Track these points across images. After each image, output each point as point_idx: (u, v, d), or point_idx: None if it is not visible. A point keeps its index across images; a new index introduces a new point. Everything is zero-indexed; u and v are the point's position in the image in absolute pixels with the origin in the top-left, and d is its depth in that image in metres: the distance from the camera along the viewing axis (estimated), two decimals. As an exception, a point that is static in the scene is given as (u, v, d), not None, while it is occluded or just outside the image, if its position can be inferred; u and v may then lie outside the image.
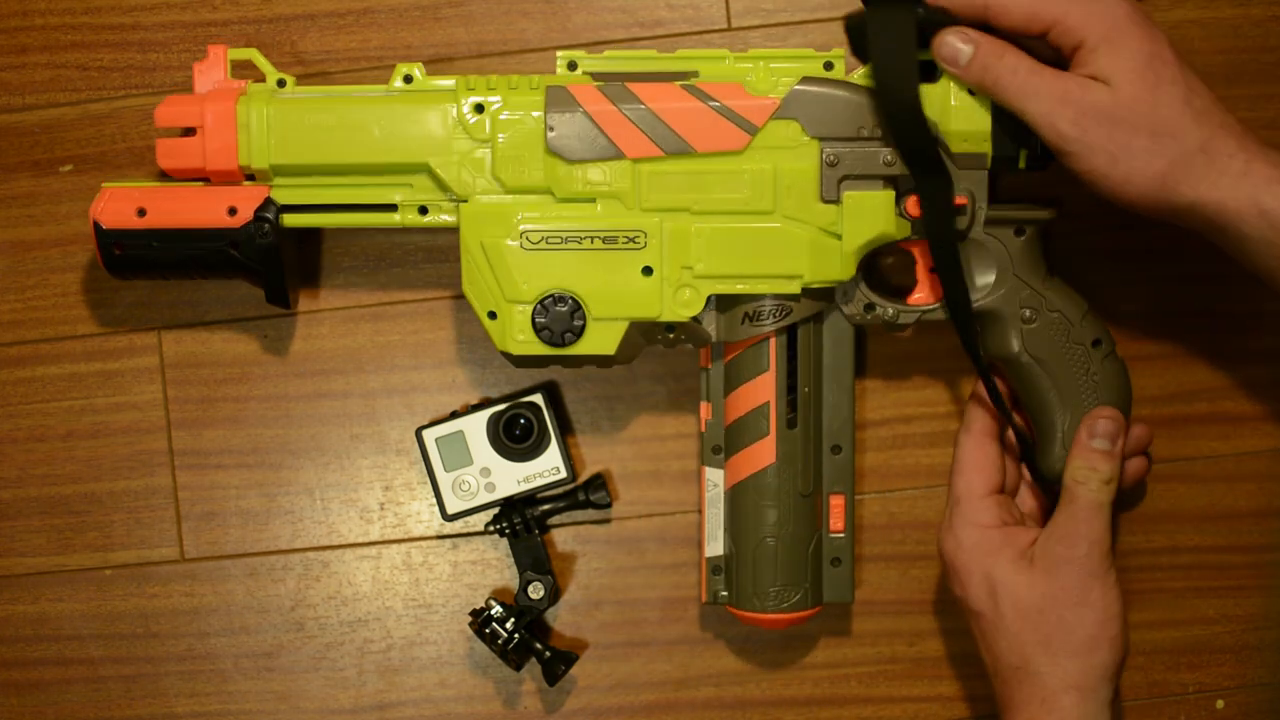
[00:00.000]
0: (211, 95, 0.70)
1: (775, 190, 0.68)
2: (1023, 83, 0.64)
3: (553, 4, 0.77)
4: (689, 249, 0.68)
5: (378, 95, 0.69)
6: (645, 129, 0.67)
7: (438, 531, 0.78)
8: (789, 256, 0.68)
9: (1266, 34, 0.76)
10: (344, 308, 0.78)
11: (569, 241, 0.68)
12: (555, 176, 0.68)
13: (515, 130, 0.68)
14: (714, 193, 0.68)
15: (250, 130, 0.69)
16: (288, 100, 0.69)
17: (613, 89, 0.68)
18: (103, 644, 0.79)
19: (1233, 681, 0.77)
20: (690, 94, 0.67)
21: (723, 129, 0.67)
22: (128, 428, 0.78)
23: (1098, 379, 0.69)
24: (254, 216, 0.70)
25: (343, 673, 0.78)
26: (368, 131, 0.69)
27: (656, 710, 0.78)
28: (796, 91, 0.67)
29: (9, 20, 0.78)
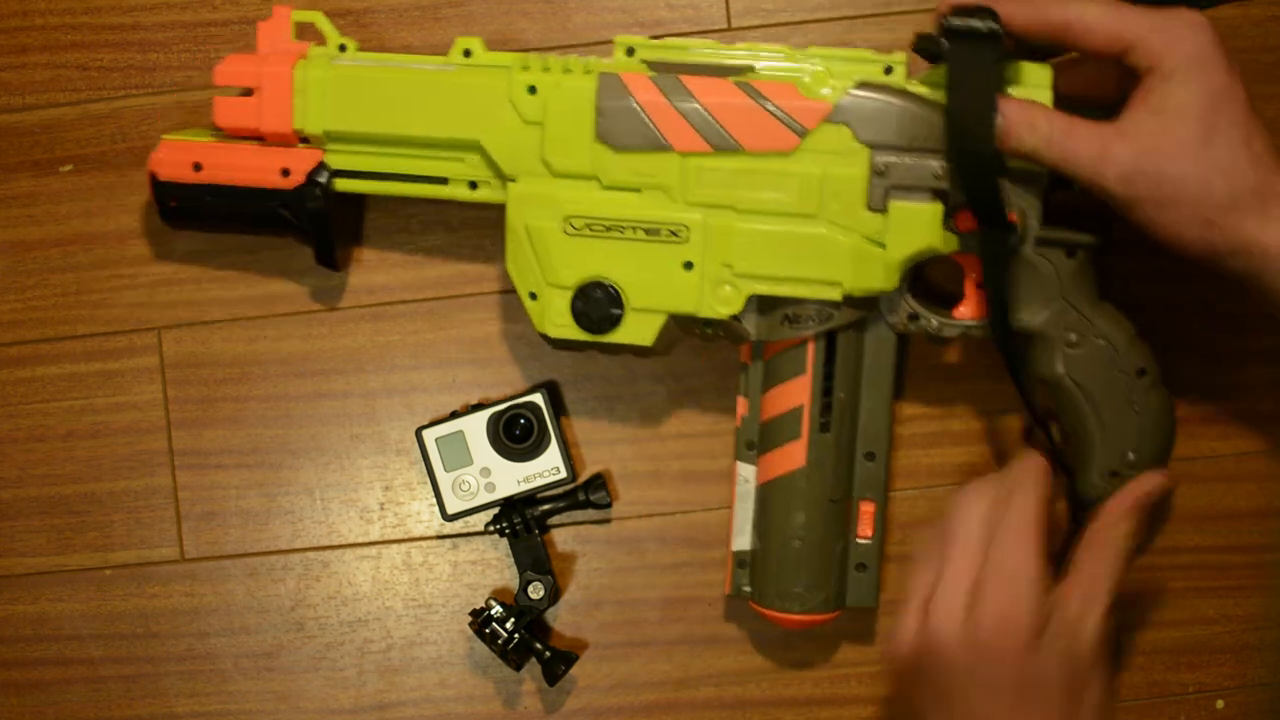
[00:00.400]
0: (271, 57, 0.70)
1: (822, 195, 0.66)
2: (1061, 151, 0.62)
3: (553, 4, 0.77)
4: (730, 247, 0.67)
5: (435, 69, 0.69)
6: (695, 124, 0.67)
7: (438, 531, 0.78)
8: (831, 263, 0.67)
9: (1266, 34, 0.76)
10: (344, 308, 0.78)
11: (611, 230, 0.68)
12: (602, 164, 0.67)
13: (566, 114, 0.67)
14: (759, 192, 0.67)
15: (306, 95, 0.69)
16: (345, 68, 0.69)
17: (665, 80, 0.67)
18: (103, 644, 0.79)
19: (1233, 681, 0.77)
20: (743, 91, 0.66)
21: (773, 129, 0.66)
22: (128, 428, 0.78)
23: (1139, 409, 0.67)
24: (306, 180, 0.71)
25: (343, 673, 0.78)
26: (422, 105, 0.68)
27: (656, 710, 0.78)
28: (851, 97, 0.66)
29: (9, 20, 0.78)
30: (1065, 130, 0.63)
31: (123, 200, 0.78)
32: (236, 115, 0.71)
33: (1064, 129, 0.63)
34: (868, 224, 0.66)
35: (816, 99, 0.66)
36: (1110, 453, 0.68)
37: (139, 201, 0.78)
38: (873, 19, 0.76)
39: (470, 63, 0.69)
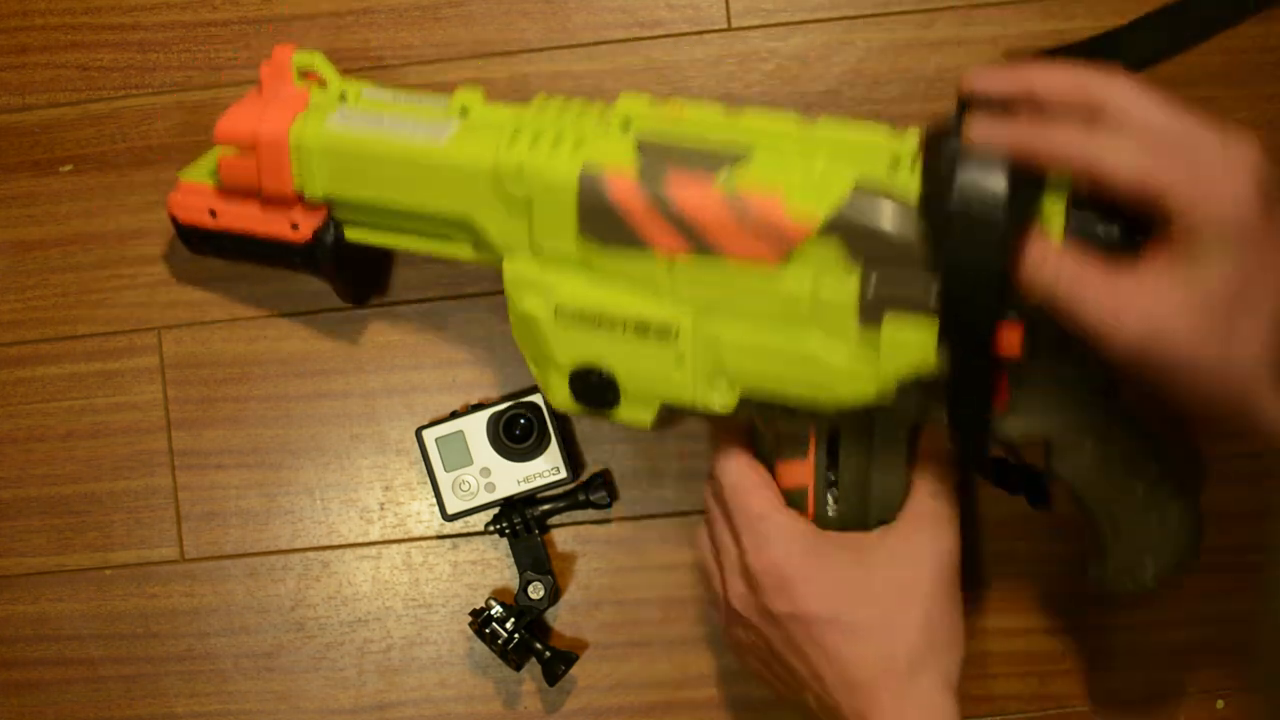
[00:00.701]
0: (267, 116, 0.67)
1: (811, 306, 0.60)
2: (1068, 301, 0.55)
3: (553, 4, 0.77)
4: (720, 351, 0.63)
5: (425, 141, 0.65)
6: (677, 227, 0.61)
7: (438, 531, 0.78)
8: (823, 374, 0.61)
9: (1266, 34, 0.76)
10: (344, 308, 0.78)
11: (602, 324, 0.64)
12: (589, 256, 0.63)
13: (549, 203, 0.63)
14: (746, 299, 0.61)
15: (302, 158, 0.67)
16: (337, 134, 0.66)
17: (649, 180, 0.61)
18: (103, 644, 0.79)
19: (1233, 681, 0.77)
20: (727, 199, 0.60)
21: (757, 241, 0.60)
22: (128, 428, 0.78)
23: (1159, 519, 0.64)
24: (313, 237, 0.70)
25: (343, 673, 0.78)
26: (413, 179, 0.65)
27: (656, 710, 0.78)
28: (844, 208, 0.58)
29: (9, 20, 0.78)
30: (1076, 277, 0.55)
31: (123, 200, 0.78)
32: (241, 176, 0.69)
33: (1074, 275, 0.55)
34: (861, 337, 0.60)
35: (803, 216, 0.59)
36: (1126, 554, 0.65)
37: (139, 201, 0.78)
38: (872, 19, 0.76)
39: (466, 125, 0.65)
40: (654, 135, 0.62)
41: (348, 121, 0.67)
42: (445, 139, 0.65)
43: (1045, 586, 0.77)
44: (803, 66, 0.77)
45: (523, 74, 0.77)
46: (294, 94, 0.69)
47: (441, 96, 0.68)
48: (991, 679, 0.77)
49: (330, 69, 0.69)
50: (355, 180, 0.67)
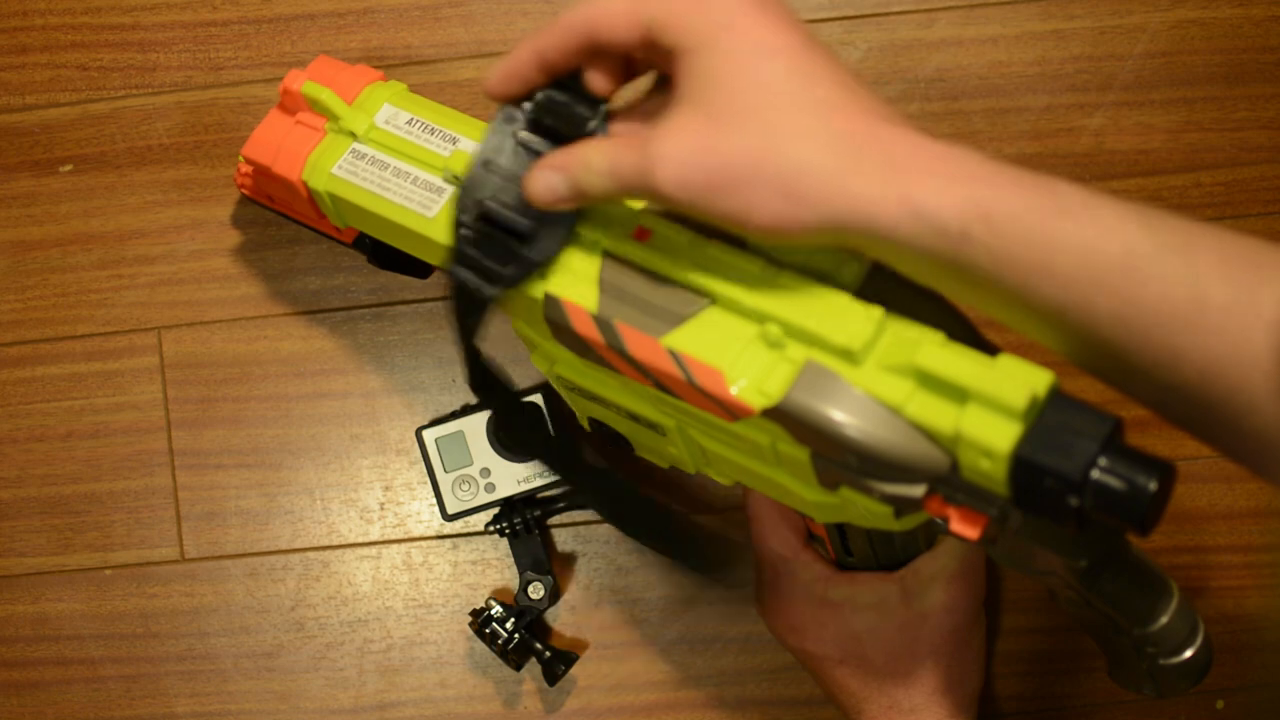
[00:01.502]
0: (285, 149, 0.68)
1: (772, 454, 0.57)
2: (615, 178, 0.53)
3: (553, 4, 0.77)
4: (707, 456, 0.62)
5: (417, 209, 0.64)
6: (634, 368, 0.58)
7: (438, 531, 0.78)
8: (800, 502, 0.59)
9: (1266, 34, 0.76)
10: (344, 308, 0.78)
11: (598, 400, 0.63)
12: (566, 357, 0.61)
13: (527, 308, 0.60)
14: (714, 433, 0.59)
15: (317, 197, 0.68)
16: (341, 184, 0.66)
17: (604, 323, 0.57)
18: (103, 644, 0.79)
19: (1233, 681, 0.77)
20: (674, 362, 0.55)
21: (707, 402, 0.56)
22: (128, 428, 0.78)
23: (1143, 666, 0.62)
24: (353, 243, 0.71)
25: (343, 673, 0.78)
26: (410, 240, 0.65)
27: (656, 710, 0.78)
28: (784, 405, 0.53)
29: (9, 20, 0.78)
30: (607, 155, 0.53)
31: (123, 200, 0.78)
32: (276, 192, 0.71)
33: (605, 154, 0.53)
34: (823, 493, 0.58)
35: (745, 400, 0.54)
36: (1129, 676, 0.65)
37: (139, 201, 0.78)
38: (872, 19, 0.76)
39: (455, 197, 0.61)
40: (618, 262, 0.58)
41: (354, 172, 0.66)
42: (435, 213, 0.64)
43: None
44: (803, 66, 0.77)
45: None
46: (311, 120, 0.68)
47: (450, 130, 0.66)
48: (991, 679, 0.77)
49: (339, 104, 0.67)
50: (365, 226, 0.67)
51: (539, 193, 0.55)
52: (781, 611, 0.67)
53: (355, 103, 0.68)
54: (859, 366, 0.53)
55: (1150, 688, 0.64)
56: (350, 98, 0.68)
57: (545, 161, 0.56)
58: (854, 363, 0.53)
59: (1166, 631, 0.61)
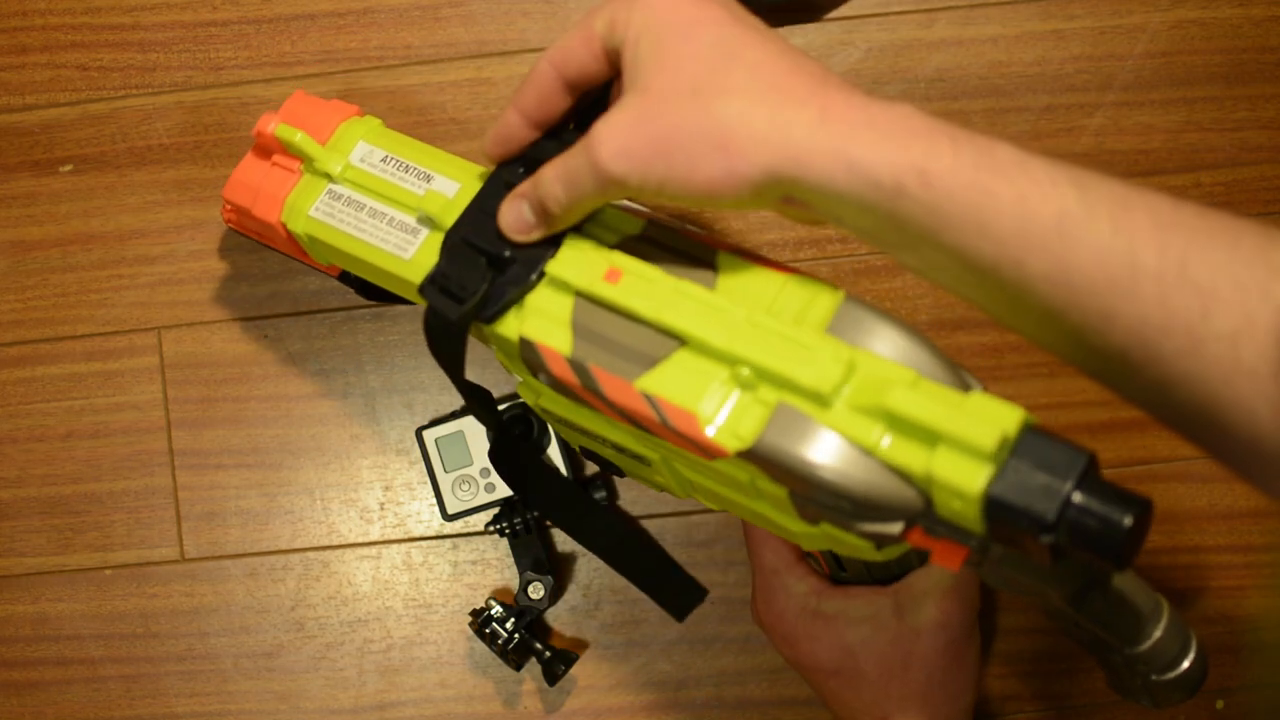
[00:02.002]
0: (263, 192, 0.67)
1: (754, 490, 0.57)
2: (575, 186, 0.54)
3: (553, 4, 0.77)
4: (693, 487, 0.62)
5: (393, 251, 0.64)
6: (612, 409, 0.58)
7: (438, 531, 0.78)
8: (784, 532, 0.59)
9: (1266, 34, 0.76)
10: (344, 308, 0.78)
11: (586, 435, 0.63)
12: (547, 394, 0.61)
13: (505, 349, 0.61)
14: (696, 467, 0.59)
15: (298, 238, 0.67)
16: (319, 225, 0.66)
17: (578, 366, 0.57)
18: (103, 644, 0.79)
19: (1233, 681, 0.77)
20: (648, 404, 0.55)
21: (684, 443, 0.56)
22: (128, 428, 0.78)
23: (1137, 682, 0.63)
24: (339, 276, 0.71)
25: (343, 673, 0.78)
26: (388, 280, 0.65)
27: (656, 710, 0.78)
28: (757, 447, 0.53)
29: (9, 20, 0.78)
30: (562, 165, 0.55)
31: (123, 200, 0.78)
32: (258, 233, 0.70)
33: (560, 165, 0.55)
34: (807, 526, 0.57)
35: (718, 443, 0.54)
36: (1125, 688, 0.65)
37: (139, 201, 0.78)
38: (872, 19, 0.76)
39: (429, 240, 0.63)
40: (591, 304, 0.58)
41: (331, 210, 0.66)
42: (411, 255, 0.63)
43: (1045, 586, 0.77)
44: (803, 66, 0.76)
45: (522, 74, 0.77)
46: (286, 163, 0.68)
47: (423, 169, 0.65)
48: (991, 679, 0.77)
49: (313, 146, 0.66)
50: (348, 264, 0.67)
51: (509, 223, 0.57)
52: (776, 622, 0.68)
53: (330, 142, 0.67)
54: (830, 408, 0.52)
55: (1147, 700, 0.64)
56: (325, 137, 0.67)
57: (511, 193, 0.58)
58: (825, 405, 0.52)
59: (1158, 649, 0.61)
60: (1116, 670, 0.65)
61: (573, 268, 0.58)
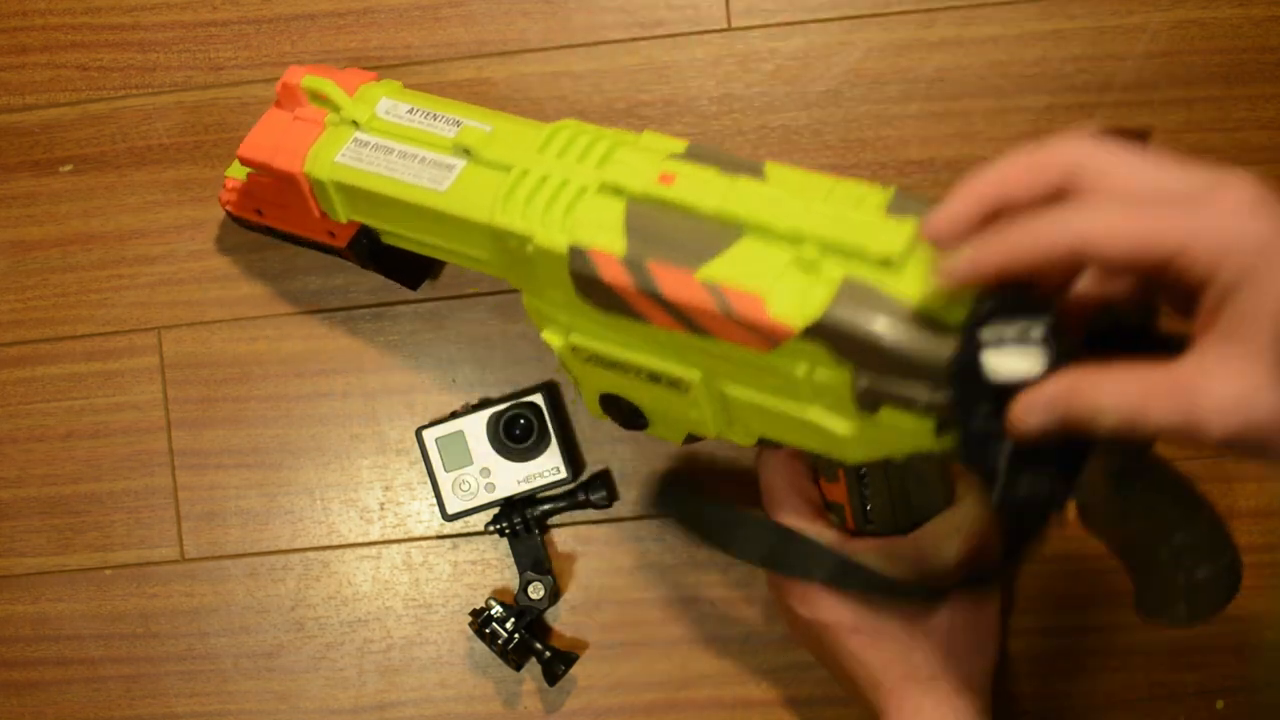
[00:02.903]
0: (282, 147, 0.67)
1: (808, 386, 0.58)
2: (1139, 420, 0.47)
3: (553, 4, 0.77)
4: (732, 407, 0.62)
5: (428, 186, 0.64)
6: (666, 310, 0.58)
7: (438, 531, 0.78)
8: (831, 440, 0.59)
9: (1266, 34, 0.76)
10: (344, 308, 0.78)
11: (616, 367, 0.63)
12: (590, 315, 0.62)
13: (545, 269, 0.61)
14: (746, 372, 0.59)
15: (319, 191, 0.67)
16: (346, 171, 0.66)
17: (634, 265, 0.58)
18: (103, 644, 0.79)
19: (1233, 681, 0.77)
20: (709, 293, 0.56)
21: (743, 333, 0.57)
22: (128, 428, 0.78)
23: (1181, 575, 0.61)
24: (348, 245, 0.70)
25: (343, 673, 0.78)
26: (422, 220, 0.65)
27: (656, 710, 0.78)
28: (828, 314, 0.54)
29: (9, 20, 0.78)
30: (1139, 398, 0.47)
31: (123, 200, 0.78)
32: (269, 195, 0.70)
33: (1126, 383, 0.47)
34: (860, 416, 0.57)
35: (785, 320, 0.55)
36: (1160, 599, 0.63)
37: (139, 201, 0.78)
38: (872, 19, 0.76)
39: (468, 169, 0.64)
40: (644, 206, 0.59)
41: (359, 155, 0.66)
42: (447, 186, 0.64)
43: (1046, 586, 0.77)
44: (803, 66, 0.77)
45: (522, 74, 0.77)
46: (310, 115, 0.68)
47: (453, 116, 0.66)
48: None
49: (340, 94, 0.68)
50: (370, 213, 0.67)
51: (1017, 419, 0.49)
52: (793, 583, 0.66)
53: (355, 97, 0.68)
54: (897, 275, 0.53)
55: (1181, 610, 0.62)
56: (349, 92, 0.68)
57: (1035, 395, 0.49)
58: (892, 272, 0.53)
59: (1204, 536, 0.60)
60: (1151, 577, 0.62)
61: (625, 172, 0.59)
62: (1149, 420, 0.46)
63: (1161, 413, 0.46)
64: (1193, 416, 0.46)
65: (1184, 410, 0.46)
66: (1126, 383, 0.47)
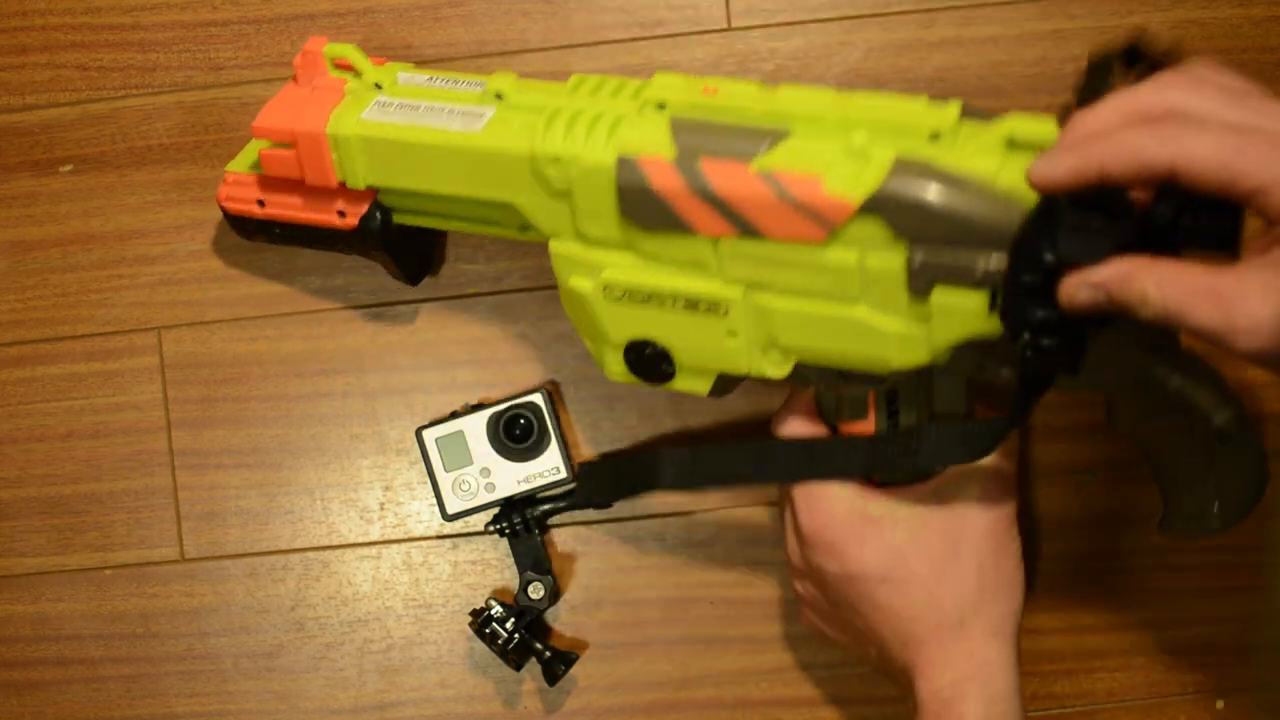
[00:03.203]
0: (305, 110, 0.68)
1: (860, 280, 0.60)
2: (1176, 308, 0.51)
3: (553, 4, 0.77)
4: (772, 324, 0.63)
5: (461, 130, 0.65)
6: (718, 210, 0.61)
7: (438, 531, 0.78)
8: (875, 343, 0.62)
9: (1266, 34, 0.76)
10: (344, 308, 0.78)
11: (651, 300, 0.64)
12: (632, 239, 0.64)
13: (589, 191, 0.63)
14: (793, 276, 0.62)
15: (341, 151, 0.67)
16: (373, 126, 0.67)
17: (685, 166, 0.60)
18: (103, 644, 0.79)
19: (1233, 682, 0.77)
20: (765, 182, 0.59)
21: (798, 222, 0.60)
22: (128, 428, 0.78)
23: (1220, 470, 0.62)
24: (359, 223, 0.70)
25: (343, 673, 0.78)
26: (452, 168, 0.66)
27: (656, 710, 0.78)
28: (885, 186, 0.58)
29: (9, 20, 0.78)
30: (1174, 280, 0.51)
31: (123, 200, 0.78)
32: (283, 167, 0.69)
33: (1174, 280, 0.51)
34: (911, 307, 0.61)
35: (843, 195, 0.58)
36: (1191, 501, 0.64)
37: (139, 201, 0.78)
38: (872, 19, 0.76)
39: (502, 110, 0.65)
40: (689, 116, 0.62)
41: (384, 112, 0.67)
42: (481, 126, 0.65)
43: (1046, 586, 0.77)
44: (803, 67, 0.77)
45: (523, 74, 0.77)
46: (329, 84, 0.69)
47: (476, 79, 0.68)
48: (991, 679, 0.77)
49: (364, 59, 0.69)
50: (396, 170, 0.67)
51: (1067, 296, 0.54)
52: (820, 530, 0.66)
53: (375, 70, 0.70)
54: (948, 150, 0.58)
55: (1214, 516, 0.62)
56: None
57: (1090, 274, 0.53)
58: (943, 147, 0.58)
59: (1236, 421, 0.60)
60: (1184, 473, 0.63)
61: (666, 89, 0.63)
62: (1186, 319, 0.51)
63: (1199, 315, 0.50)
64: (1226, 326, 0.50)
65: (1220, 319, 0.50)
66: (1174, 280, 0.51)
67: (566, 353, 0.77)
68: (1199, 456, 0.62)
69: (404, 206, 0.69)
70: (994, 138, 0.58)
